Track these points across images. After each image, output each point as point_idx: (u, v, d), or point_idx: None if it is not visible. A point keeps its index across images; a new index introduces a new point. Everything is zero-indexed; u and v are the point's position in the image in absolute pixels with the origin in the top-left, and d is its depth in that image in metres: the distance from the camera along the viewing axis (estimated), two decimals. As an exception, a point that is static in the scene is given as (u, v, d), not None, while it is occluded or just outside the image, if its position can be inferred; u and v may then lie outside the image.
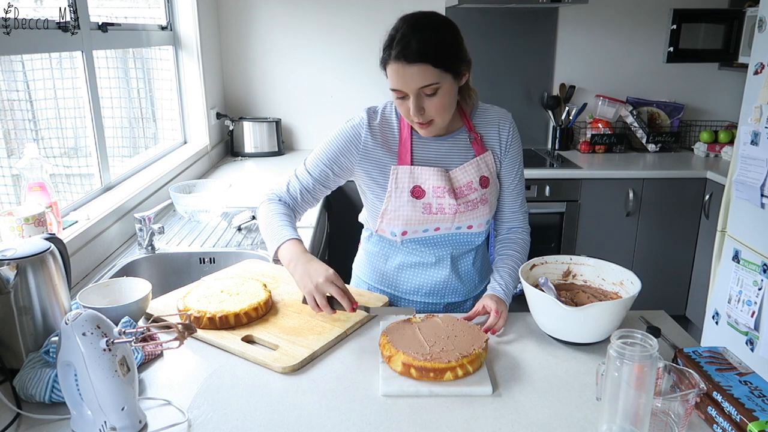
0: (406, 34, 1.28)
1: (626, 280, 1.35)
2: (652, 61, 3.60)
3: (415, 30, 1.28)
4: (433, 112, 1.33)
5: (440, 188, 1.42)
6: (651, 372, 0.92)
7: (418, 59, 1.26)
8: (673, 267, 3.29)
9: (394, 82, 1.32)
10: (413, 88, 1.30)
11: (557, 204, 3.17)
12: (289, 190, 1.50)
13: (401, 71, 1.29)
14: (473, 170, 1.45)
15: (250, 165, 3.30)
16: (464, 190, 1.45)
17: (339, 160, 1.46)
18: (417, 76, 1.28)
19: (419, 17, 1.32)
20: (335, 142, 1.47)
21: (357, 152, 1.45)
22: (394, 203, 1.44)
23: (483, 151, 1.47)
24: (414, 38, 1.27)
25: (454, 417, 1.05)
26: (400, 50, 1.27)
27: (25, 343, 1.16)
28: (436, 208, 1.44)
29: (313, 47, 3.53)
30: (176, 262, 1.96)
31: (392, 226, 1.46)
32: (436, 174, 1.42)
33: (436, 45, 1.28)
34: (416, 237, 1.49)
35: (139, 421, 1.01)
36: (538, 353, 1.26)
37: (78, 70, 2.04)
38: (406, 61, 1.27)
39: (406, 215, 1.44)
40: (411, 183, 1.43)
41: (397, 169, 1.44)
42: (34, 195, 1.60)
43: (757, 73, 2.33)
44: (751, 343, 2.33)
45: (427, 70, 1.28)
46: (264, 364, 1.20)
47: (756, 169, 2.28)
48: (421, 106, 1.32)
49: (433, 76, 1.28)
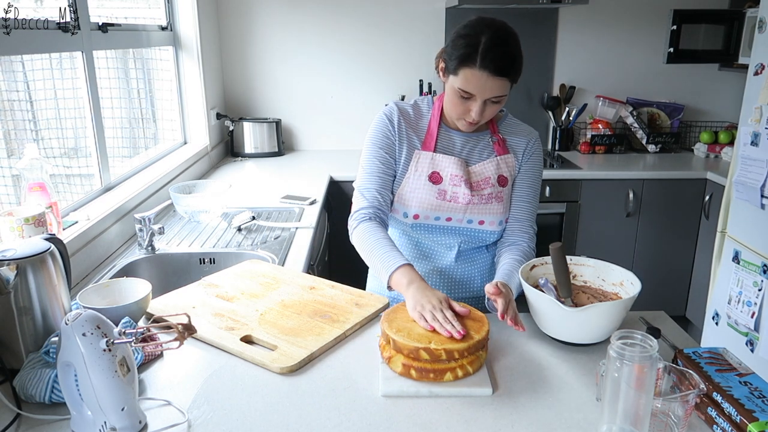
0: (494, 45, 1.33)
1: (626, 280, 1.35)
2: (652, 62, 3.60)
3: (502, 43, 1.35)
4: (488, 116, 1.42)
5: (457, 176, 1.48)
6: (651, 373, 0.92)
7: (503, 74, 1.34)
8: (673, 268, 3.29)
9: (468, 85, 1.37)
10: (487, 96, 1.37)
11: (557, 204, 3.17)
12: (370, 201, 1.50)
13: (483, 79, 1.34)
14: (492, 167, 1.51)
15: (250, 165, 3.30)
16: (481, 184, 1.50)
17: (385, 142, 1.52)
18: (495, 88, 1.36)
19: (500, 27, 1.38)
20: (376, 130, 1.54)
21: (395, 133, 1.52)
22: (412, 184, 1.50)
23: (505, 152, 1.53)
24: (502, 51, 1.34)
25: (454, 417, 1.05)
26: (488, 61, 1.32)
27: (25, 344, 1.16)
28: (451, 195, 1.49)
29: (313, 48, 3.53)
30: (176, 263, 1.96)
31: (406, 206, 1.51)
32: (455, 163, 1.49)
33: (517, 62, 1.37)
34: (427, 223, 1.52)
35: (139, 422, 1.01)
36: (538, 354, 1.26)
37: (78, 71, 2.04)
38: (491, 73, 1.33)
39: (420, 197, 1.49)
40: (430, 168, 1.50)
41: (420, 153, 1.51)
42: (34, 195, 1.60)
43: (757, 74, 2.33)
44: (751, 344, 2.33)
45: (505, 84, 1.37)
46: (262, 364, 1.20)
47: (756, 170, 2.28)
48: (483, 109, 1.40)
49: (505, 88, 1.38)
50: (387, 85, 3.54)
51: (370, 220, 1.47)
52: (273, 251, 1.96)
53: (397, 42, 3.49)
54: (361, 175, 1.55)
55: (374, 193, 1.50)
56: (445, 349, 1.12)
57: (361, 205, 1.50)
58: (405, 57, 3.52)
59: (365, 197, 1.51)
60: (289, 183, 2.85)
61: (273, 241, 2.06)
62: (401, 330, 1.18)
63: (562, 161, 3.33)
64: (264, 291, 1.52)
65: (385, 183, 1.51)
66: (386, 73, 3.55)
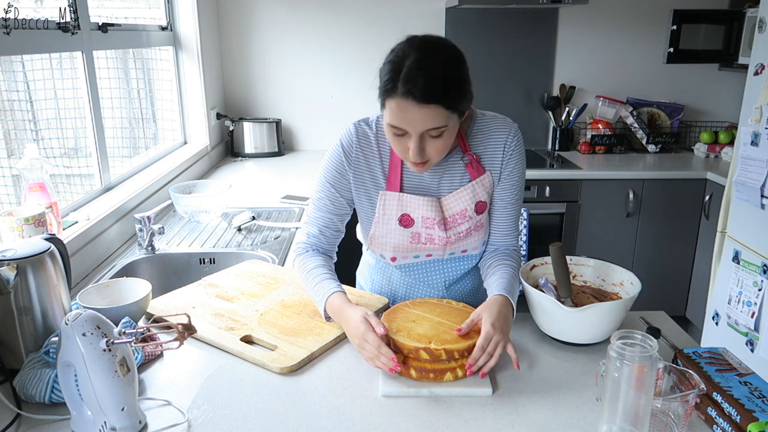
0: (417, 69, 1.13)
1: (626, 280, 1.35)
2: (652, 62, 3.60)
3: (427, 64, 1.14)
4: (433, 154, 1.22)
5: (430, 219, 1.34)
6: (651, 373, 0.92)
7: (431, 100, 1.13)
8: (673, 268, 3.29)
9: (396, 119, 1.18)
10: (419, 130, 1.17)
11: (557, 205, 3.17)
12: (311, 235, 1.42)
13: (409, 110, 1.15)
14: (468, 197, 1.35)
15: (250, 165, 3.30)
16: (457, 219, 1.36)
17: (339, 181, 1.38)
18: (426, 119, 1.15)
19: (429, 46, 1.17)
20: (330, 163, 1.38)
21: (350, 169, 1.36)
22: (382, 229, 1.38)
23: (480, 173, 1.35)
24: (427, 74, 1.13)
25: (454, 417, 1.05)
26: (410, 87, 1.12)
27: (25, 344, 1.16)
28: (426, 238, 1.37)
29: (313, 47, 3.53)
30: (176, 263, 1.96)
31: (381, 250, 1.42)
32: (426, 204, 1.34)
33: (450, 84, 1.15)
34: (407, 263, 1.44)
35: (139, 422, 1.01)
36: (538, 353, 1.26)
37: (78, 71, 2.04)
38: (416, 101, 1.13)
39: (394, 242, 1.38)
40: (399, 210, 1.35)
41: (385, 195, 1.35)
42: (34, 195, 1.60)
43: (757, 74, 2.33)
44: (751, 344, 2.33)
45: (438, 113, 1.15)
46: (262, 364, 1.20)
47: (756, 170, 2.28)
48: (423, 147, 1.20)
49: (442, 118, 1.16)
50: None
51: (306, 252, 1.41)
52: (273, 251, 1.96)
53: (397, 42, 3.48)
54: (309, 207, 1.44)
55: (316, 231, 1.41)
56: (445, 349, 1.12)
57: (301, 239, 1.44)
58: (405, 57, 3.52)
59: (306, 233, 1.43)
60: (289, 183, 2.85)
61: (273, 241, 2.06)
62: (401, 330, 1.18)
63: (562, 161, 3.33)
64: (264, 291, 1.52)
65: (331, 221, 1.41)
66: (386, 73, 3.54)
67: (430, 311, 1.25)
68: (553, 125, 3.63)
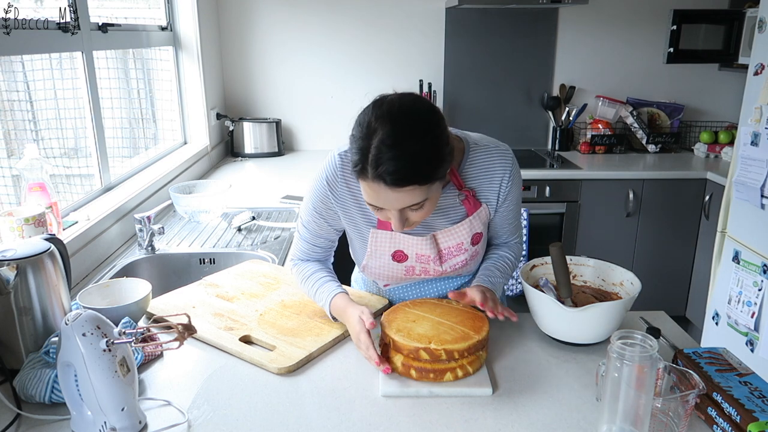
0: (386, 150, 1.04)
1: (626, 280, 1.35)
2: (652, 62, 3.60)
3: (396, 142, 1.04)
4: (417, 219, 1.17)
5: (425, 256, 1.32)
6: (651, 373, 0.92)
7: (403, 184, 1.06)
8: (673, 268, 3.29)
9: (371, 199, 1.12)
10: (396, 208, 1.12)
11: (557, 205, 3.17)
12: (303, 251, 1.41)
13: (382, 193, 1.08)
14: (464, 232, 1.31)
15: (250, 165, 3.30)
16: (453, 251, 1.33)
17: (326, 211, 1.33)
18: (402, 199, 1.09)
19: (397, 120, 1.07)
20: (315, 195, 1.32)
21: (337, 204, 1.31)
22: (375, 262, 1.35)
23: (476, 208, 1.30)
24: (395, 156, 1.03)
25: (454, 417, 1.05)
26: (380, 172, 1.04)
27: (25, 344, 1.16)
28: (420, 270, 1.36)
29: (313, 47, 3.53)
30: (176, 263, 1.96)
31: (374, 278, 1.42)
32: (420, 242, 1.30)
33: (422, 162, 1.06)
34: (403, 284, 1.46)
35: (139, 422, 1.01)
36: (538, 354, 1.26)
37: (78, 71, 2.04)
38: (387, 186, 1.06)
39: (388, 274, 1.38)
40: (392, 248, 1.32)
41: (376, 233, 1.30)
42: (34, 195, 1.60)
43: (757, 74, 2.33)
44: (751, 344, 2.33)
45: (414, 192, 1.08)
46: (260, 364, 1.20)
47: (756, 170, 2.28)
48: (404, 218, 1.15)
49: (420, 194, 1.09)
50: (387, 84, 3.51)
51: (300, 261, 1.43)
52: (273, 251, 1.96)
53: (397, 42, 3.49)
54: (299, 225, 1.40)
55: (306, 248, 1.41)
56: (445, 350, 1.12)
57: (295, 253, 1.44)
58: (405, 57, 3.52)
59: (298, 249, 1.42)
60: (289, 183, 2.85)
61: (273, 241, 2.06)
62: (401, 330, 1.18)
63: (562, 161, 3.33)
64: (264, 291, 1.52)
65: (320, 241, 1.39)
66: (386, 73, 3.55)
67: (430, 311, 1.25)
68: (553, 125, 3.63)
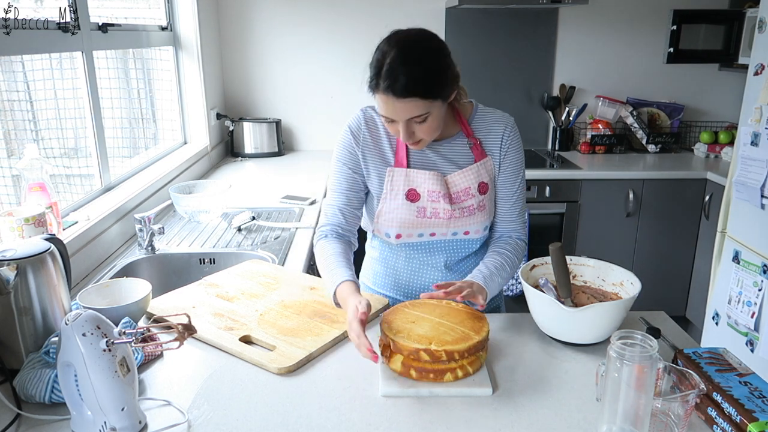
0: (394, 67, 1.26)
1: (626, 280, 1.35)
2: (652, 62, 3.60)
3: (404, 62, 1.26)
4: (423, 135, 1.35)
5: (435, 192, 1.42)
6: (651, 373, 0.92)
7: (407, 95, 1.26)
8: (673, 268, 3.29)
9: (383, 110, 1.32)
10: (402, 118, 1.30)
11: (557, 205, 3.17)
12: (330, 218, 1.48)
13: (390, 103, 1.29)
14: (472, 176, 1.44)
15: (250, 165, 3.30)
16: (461, 196, 1.44)
17: (351, 159, 1.46)
18: (407, 110, 1.28)
19: (407, 44, 1.29)
20: (340, 145, 1.48)
21: (359, 149, 1.46)
22: (389, 205, 1.45)
23: (483, 156, 1.46)
24: (402, 72, 1.25)
25: (454, 417, 1.05)
26: (389, 84, 1.26)
27: (25, 344, 1.16)
28: (431, 212, 1.44)
29: (313, 48, 3.53)
30: (176, 263, 1.96)
31: (387, 227, 1.47)
32: (432, 178, 1.43)
33: (424, 78, 1.27)
34: (411, 241, 1.49)
35: (139, 422, 1.01)
36: (538, 354, 1.26)
37: (78, 71, 2.04)
38: (394, 96, 1.26)
39: (401, 217, 1.44)
40: (406, 186, 1.44)
41: (393, 171, 1.44)
42: (34, 195, 1.60)
43: (757, 74, 2.33)
44: (751, 344, 2.33)
45: (417, 104, 1.28)
46: (260, 364, 1.20)
47: (756, 170, 2.28)
48: (411, 131, 1.33)
49: (422, 107, 1.28)
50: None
51: (326, 237, 1.46)
52: (273, 251, 1.96)
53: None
54: (328, 192, 1.52)
55: (336, 210, 1.47)
56: (446, 351, 1.12)
57: (322, 222, 1.50)
58: (405, 57, 3.52)
59: (326, 214, 1.50)
60: (289, 183, 2.85)
61: (273, 241, 2.06)
62: (401, 331, 1.18)
63: (562, 161, 3.33)
64: (264, 291, 1.52)
65: (349, 200, 1.48)
66: (386, 73, 3.55)
67: (430, 312, 1.25)
68: (553, 125, 3.63)
